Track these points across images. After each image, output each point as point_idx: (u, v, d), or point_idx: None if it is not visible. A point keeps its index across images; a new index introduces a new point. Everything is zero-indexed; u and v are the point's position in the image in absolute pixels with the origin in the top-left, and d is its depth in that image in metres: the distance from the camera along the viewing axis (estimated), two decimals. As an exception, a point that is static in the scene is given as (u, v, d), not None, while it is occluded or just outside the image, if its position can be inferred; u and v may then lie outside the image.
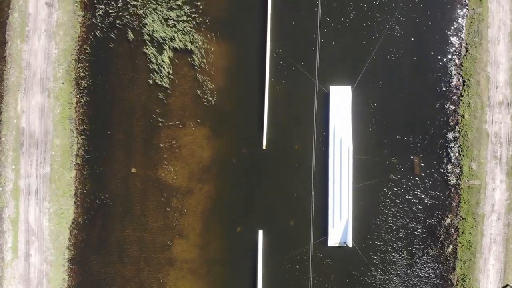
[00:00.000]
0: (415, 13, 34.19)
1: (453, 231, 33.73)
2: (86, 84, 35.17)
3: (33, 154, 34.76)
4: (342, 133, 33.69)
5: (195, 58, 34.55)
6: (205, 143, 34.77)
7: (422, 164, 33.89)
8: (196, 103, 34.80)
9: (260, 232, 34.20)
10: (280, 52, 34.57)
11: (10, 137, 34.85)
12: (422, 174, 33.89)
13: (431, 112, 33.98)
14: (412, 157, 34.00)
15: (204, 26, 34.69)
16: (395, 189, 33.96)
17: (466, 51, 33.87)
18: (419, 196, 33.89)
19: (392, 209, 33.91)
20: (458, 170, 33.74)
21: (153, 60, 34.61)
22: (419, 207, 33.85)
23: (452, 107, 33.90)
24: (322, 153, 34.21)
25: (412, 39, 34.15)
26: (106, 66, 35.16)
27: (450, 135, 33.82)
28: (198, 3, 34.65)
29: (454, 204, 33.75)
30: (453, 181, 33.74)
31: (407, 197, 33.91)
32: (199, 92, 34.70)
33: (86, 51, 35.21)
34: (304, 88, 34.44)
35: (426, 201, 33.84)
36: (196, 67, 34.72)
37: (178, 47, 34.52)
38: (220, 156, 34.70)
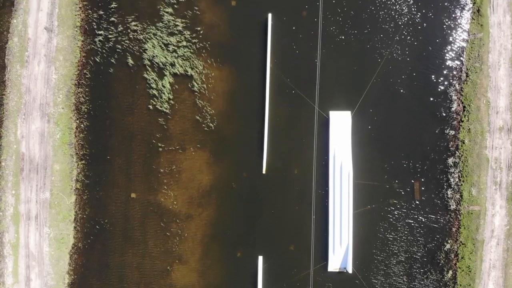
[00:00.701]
0: (415, 38, 34.11)
1: (452, 256, 33.76)
2: (86, 109, 35.11)
3: (33, 179, 34.73)
4: (342, 158, 33.66)
5: (195, 84, 34.48)
6: (205, 168, 34.74)
7: (423, 189, 33.89)
8: (196, 128, 34.75)
9: (260, 258, 34.21)
10: (280, 77, 34.51)
11: (10, 162, 34.81)
12: (422, 199, 33.90)
13: (431, 137, 33.96)
14: (412, 181, 34.00)
15: (204, 51, 34.60)
16: (395, 213, 33.96)
17: (467, 76, 33.80)
18: (419, 221, 33.89)
19: (392, 234, 33.92)
20: (458, 196, 33.73)
21: (153, 85, 34.54)
22: (419, 232, 33.85)
23: (452, 132, 33.87)
24: (322, 178, 34.19)
25: (413, 64, 34.10)
26: (106, 91, 35.09)
27: (450, 161, 33.80)
28: (198, 28, 34.57)
29: (454, 229, 33.76)
30: (453, 206, 33.74)
31: (407, 221, 33.91)
32: (199, 117, 34.65)
33: (86, 76, 35.12)
34: (304, 113, 34.40)
35: (426, 226, 33.84)
36: (196, 92, 34.66)
37: (178, 72, 34.46)
38: (220, 181, 34.68)
